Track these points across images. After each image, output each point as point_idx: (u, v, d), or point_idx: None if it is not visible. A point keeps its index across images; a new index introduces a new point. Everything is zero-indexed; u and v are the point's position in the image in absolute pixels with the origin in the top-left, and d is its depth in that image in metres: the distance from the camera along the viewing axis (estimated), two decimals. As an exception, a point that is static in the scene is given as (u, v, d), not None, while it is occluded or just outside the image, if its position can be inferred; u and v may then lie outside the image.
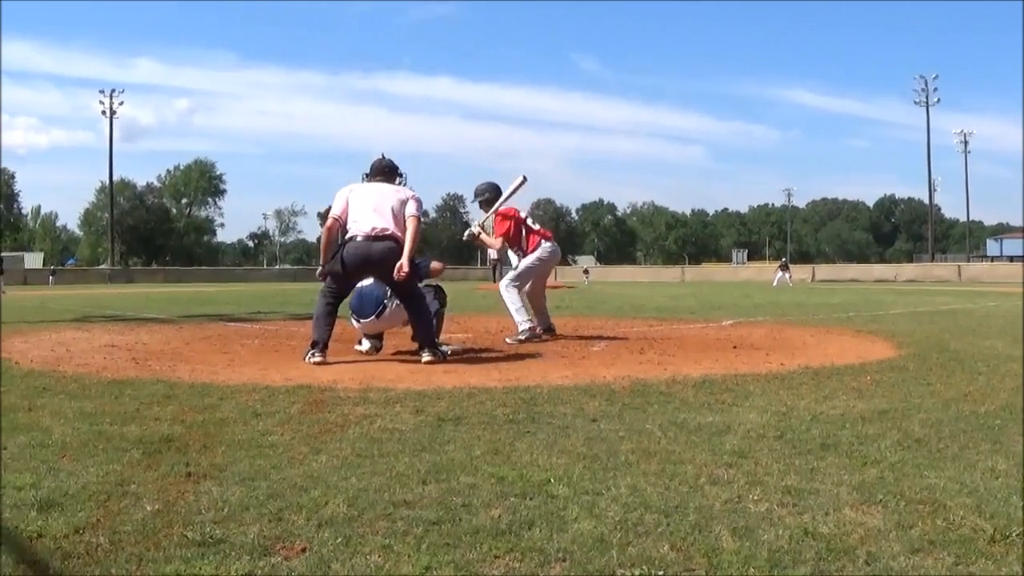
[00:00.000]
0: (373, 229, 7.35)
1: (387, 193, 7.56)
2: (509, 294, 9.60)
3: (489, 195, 9.80)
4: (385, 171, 7.86)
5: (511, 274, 9.78)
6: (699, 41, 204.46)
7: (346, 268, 7.47)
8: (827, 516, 2.94)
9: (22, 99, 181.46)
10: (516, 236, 9.72)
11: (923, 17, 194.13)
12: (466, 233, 10.06)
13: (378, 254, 7.34)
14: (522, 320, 9.46)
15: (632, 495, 3.17)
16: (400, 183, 7.95)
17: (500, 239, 9.74)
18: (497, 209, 9.61)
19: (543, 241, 9.78)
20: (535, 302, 9.93)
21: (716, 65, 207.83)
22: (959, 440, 4.13)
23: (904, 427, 4.43)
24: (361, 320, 7.84)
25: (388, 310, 7.68)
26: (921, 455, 3.83)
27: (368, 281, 7.72)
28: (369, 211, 7.44)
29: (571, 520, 2.89)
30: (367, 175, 7.97)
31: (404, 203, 7.52)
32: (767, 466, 3.60)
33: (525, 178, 9.71)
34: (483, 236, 9.88)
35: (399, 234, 7.42)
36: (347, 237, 7.49)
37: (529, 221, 9.84)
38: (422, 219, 7.73)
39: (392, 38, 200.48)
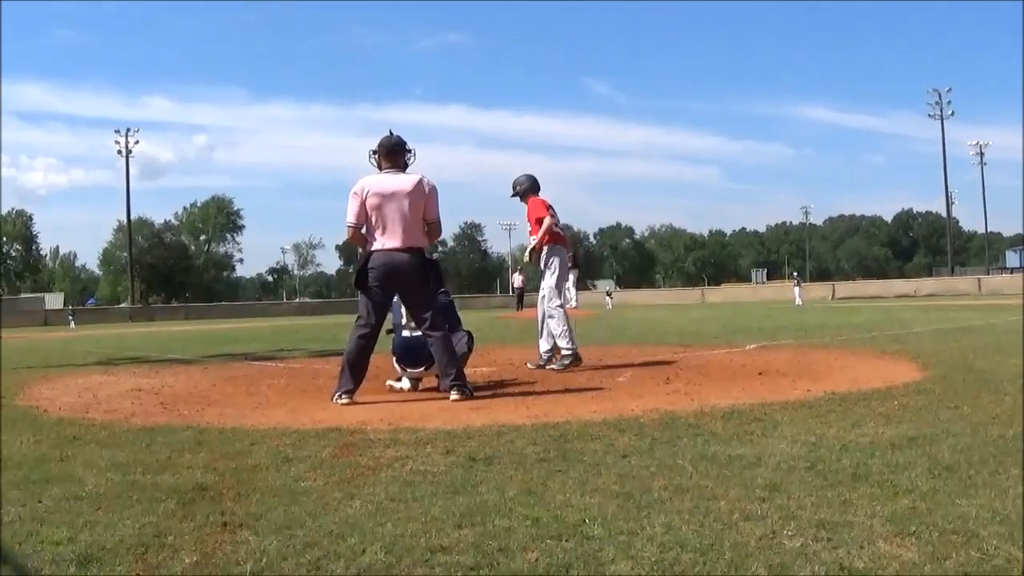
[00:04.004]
0: (397, 243, 7.22)
1: (403, 193, 7.26)
2: (556, 320, 9.61)
3: (527, 186, 9.96)
4: (395, 152, 7.48)
5: (551, 295, 9.74)
6: (710, 61, 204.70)
7: (373, 281, 7.26)
8: (862, 550, 2.95)
9: (41, 141, 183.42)
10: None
11: (933, 30, 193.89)
12: (527, 253, 10.04)
13: (404, 266, 7.24)
14: (567, 346, 9.53)
15: (667, 534, 3.18)
16: (410, 159, 7.57)
17: (547, 218, 9.74)
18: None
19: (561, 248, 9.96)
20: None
21: (728, 85, 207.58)
22: (989, 465, 4.13)
23: (933, 454, 4.42)
24: (410, 369, 7.89)
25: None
26: (952, 483, 3.83)
27: (418, 333, 7.61)
28: (389, 222, 7.23)
29: (608, 562, 2.90)
30: (374, 153, 7.50)
31: (425, 201, 7.31)
32: (800, 499, 3.61)
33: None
34: (534, 242, 9.85)
35: (424, 244, 7.37)
36: (370, 249, 7.32)
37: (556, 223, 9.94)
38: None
39: (403, 68, 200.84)
